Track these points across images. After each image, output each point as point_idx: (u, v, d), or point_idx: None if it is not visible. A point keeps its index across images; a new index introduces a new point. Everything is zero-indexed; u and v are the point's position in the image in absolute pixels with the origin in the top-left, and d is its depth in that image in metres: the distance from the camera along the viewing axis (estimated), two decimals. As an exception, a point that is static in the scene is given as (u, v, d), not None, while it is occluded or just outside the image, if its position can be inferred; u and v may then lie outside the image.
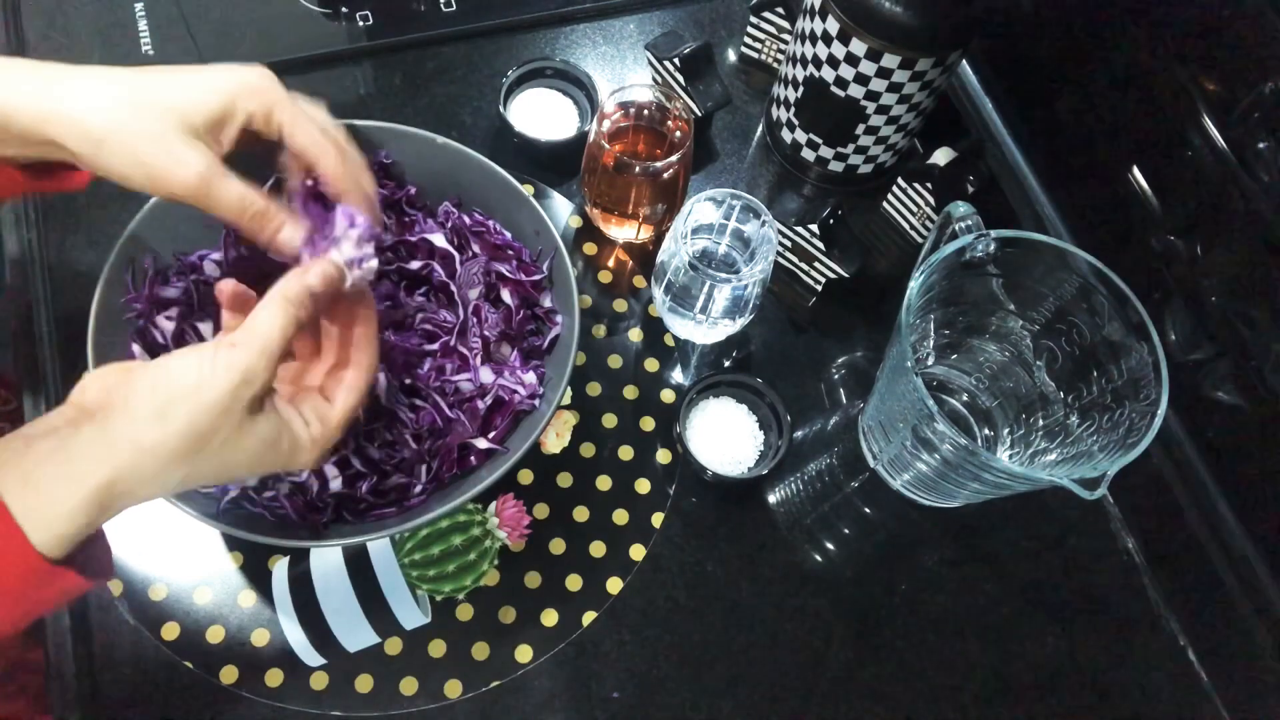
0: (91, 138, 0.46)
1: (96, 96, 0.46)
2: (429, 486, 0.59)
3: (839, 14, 0.69)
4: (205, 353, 0.43)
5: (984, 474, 0.60)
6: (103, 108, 0.46)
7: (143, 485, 0.42)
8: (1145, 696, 0.69)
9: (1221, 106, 0.65)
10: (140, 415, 0.42)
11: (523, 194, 0.65)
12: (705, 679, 0.65)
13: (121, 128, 0.46)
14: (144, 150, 0.46)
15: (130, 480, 0.41)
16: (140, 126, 0.46)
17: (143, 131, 0.46)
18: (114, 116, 0.46)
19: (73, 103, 0.46)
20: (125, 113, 0.46)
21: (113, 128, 0.46)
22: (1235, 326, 0.67)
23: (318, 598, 0.57)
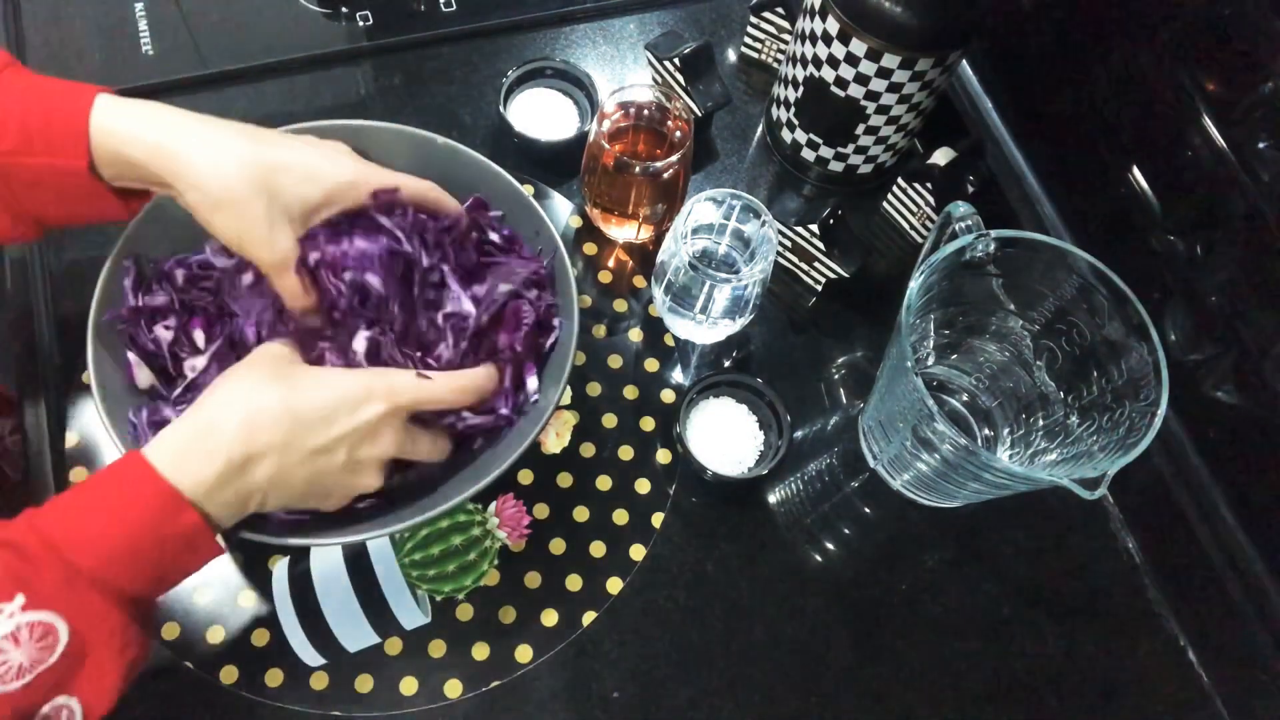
0: (209, 199, 0.52)
1: (223, 164, 0.52)
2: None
3: (839, 14, 0.69)
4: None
5: (984, 474, 0.60)
6: (226, 176, 0.52)
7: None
8: (1145, 696, 0.69)
9: (1221, 106, 0.65)
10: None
11: (523, 194, 0.65)
12: (705, 679, 0.65)
13: (236, 201, 0.52)
14: (250, 227, 0.53)
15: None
16: (254, 207, 0.53)
17: (254, 211, 0.53)
18: (233, 188, 0.52)
19: (201, 164, 0.52)
20: (246, 190, 0.52)
21: (229, 199, 0.52)
22: (1235, 326, 0.67)
23: (318, 598, 0.57)
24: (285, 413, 0.50)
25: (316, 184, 0.55)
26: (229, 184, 0.52)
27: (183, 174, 0.52)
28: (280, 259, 0.54)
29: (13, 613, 0.42)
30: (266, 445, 0.49)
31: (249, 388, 0.51)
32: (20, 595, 0.43)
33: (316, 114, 0.74)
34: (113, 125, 0.51)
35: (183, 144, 0.52)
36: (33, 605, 0.43)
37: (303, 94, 0.83)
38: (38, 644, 0.43)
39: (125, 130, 0.52)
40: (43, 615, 0.43)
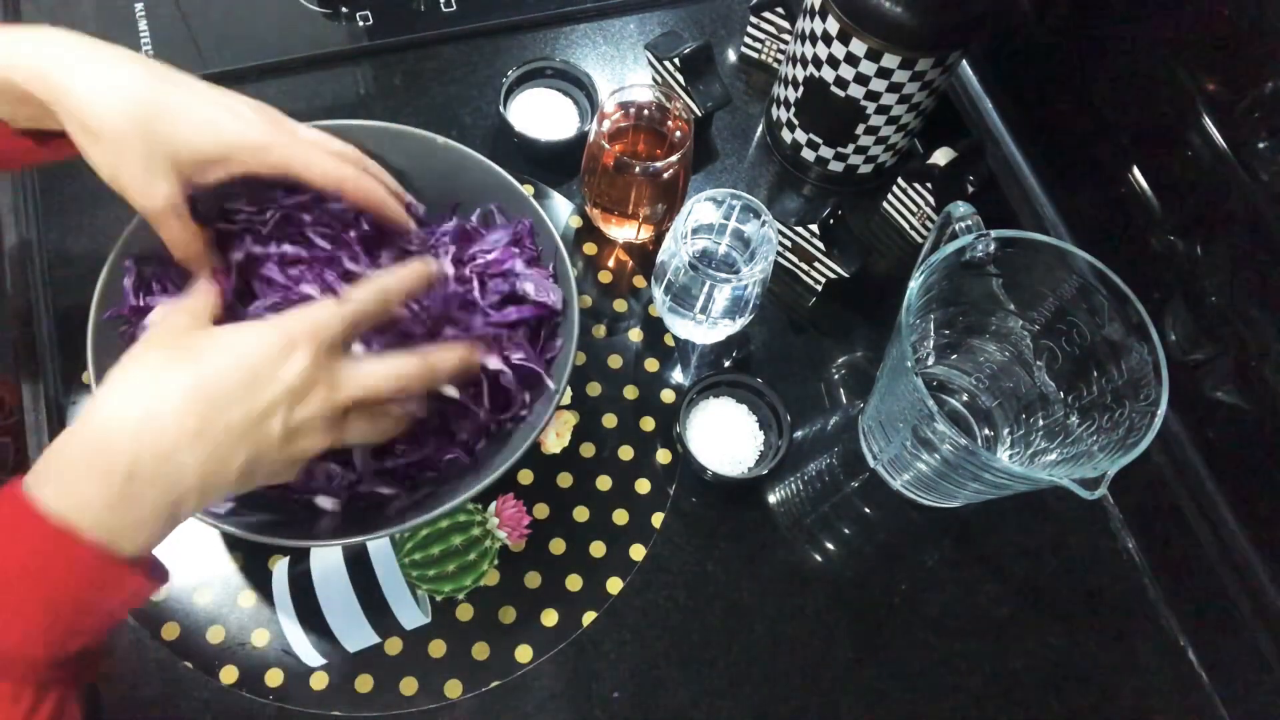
0: (86, 129, 0.48)
1: (105, 93, 0.47)
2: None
3: (839, 14, 0.69)
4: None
5: (984, 474, 0.60)
6: (107, 106, 0.47)
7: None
8: (1145, 696, 0.69)
9: (1221, 106, 0.65)
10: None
11: (523, 194, 0.65)
12: (705, 679, 0.65)
13: (116, 137, 0.47)
14: (125, 164, 0.48)
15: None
16: (132, 144, 0.48)
17: (132, 149, 0.48)
18: (114, 123, 0.47)
19: (86, 90, 0.47)
20: (125, 124, 0.47)
21: (108, 133, 0.47)
22: (1235, 326, 0.67)
23: (318, 598, 0.57)
24: (193, 398, 0.42)
25: (212, 136, 0.49)
26: (108, 115, 0.47)
27: (62, 100, 0.47)
28: (156, 206, 0.49)
29: None
30: (174, 442, 0.42)
31: (144, 378, 0.44)
32: None
33: (316, 114, 0.74)
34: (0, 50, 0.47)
35: (68, 68, 0.47)
36: None
37: (303, 94, 0.83)
38: None
39: (8, 54, 0.47)
40: None
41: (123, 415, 0.42)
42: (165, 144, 0.48)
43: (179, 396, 0.42)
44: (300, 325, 0.46)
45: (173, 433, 0.42)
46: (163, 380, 0.43)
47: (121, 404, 0.42)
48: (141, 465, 0.41)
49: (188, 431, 0.42)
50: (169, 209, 0.50)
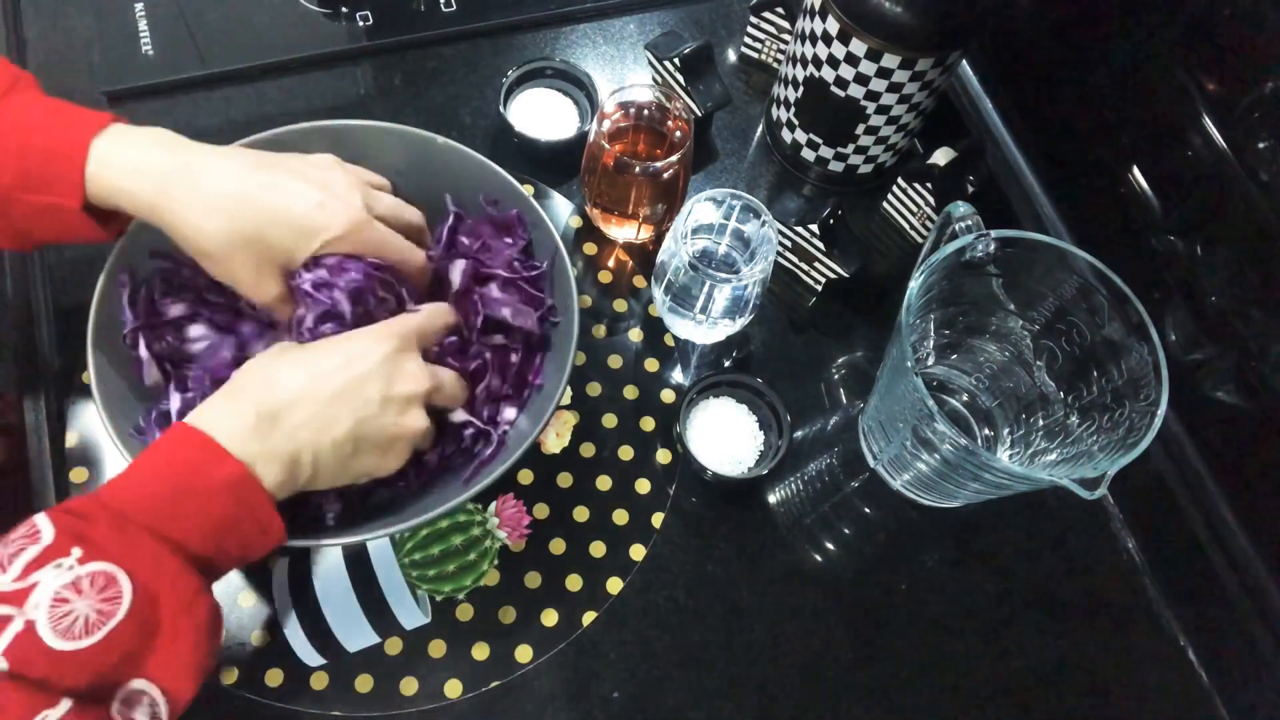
0: (197, 251, 0.55)
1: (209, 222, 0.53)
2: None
3: (839, 14, 0.69)
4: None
5: (984, 474, 0.60)
6: (213, 234, 0.54)
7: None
8: (1145, 696, 0.69)
9: (1221, 106, 0.65)
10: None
11: (523, 194, 0.65)
12: (705, 679, 0.65)
13: (225, 257, 0.54)
14: (237, 275, 0.56)
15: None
16: (239, 259, 0.55)
17: (241, 264, 0.55)
18: (220, 246, 0.54)
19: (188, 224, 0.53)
20: (230, 246, 0.54)
21: (219, 254, 0.54)
22: (1235, 326, 0.67)
23: (318, 598, 0.57)
24: (303, 368, 0.52)
25: (306, 241, 0.56)
26: (216, 242, 0.54)
27: (172, 229, 0.54)
28: (269, 302, 0.57)
29: (71, 565, 0.43)
30: (292, 395, 0.51)
31: (265, 359, 0.54)
32: (76, 548, 0.43)
33: (316, 114, 0.74)
34: (107, 172, 0.52)
35: (170, 198, 0.53)
36: (90, 556, 0.43)
37: (303, 94, 0.83)
38: (100, 595, 0.43)
39: (116, 183, 0.52)
40: (100, 565, 0.43)
41: (251, 374, 0.53)
42: (269, 255, 0.55)
43: (293, 367, 0.53)
44: (388, 325, 0.57)
45: (290, 388, 0.51)
46: (280, 358, 0.54)
47: (250, 376, 0.53)
48: (267, 407, 0.50)
49: (302, 389, 0.51)
50: (281, 301, 0.57)
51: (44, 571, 0.42)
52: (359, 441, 0.53)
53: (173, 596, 0.45)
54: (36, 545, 0.43)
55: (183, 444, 0.48)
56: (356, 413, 0.52)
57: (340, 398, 0.52)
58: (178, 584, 0.45)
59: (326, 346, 0.55)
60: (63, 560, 0.43)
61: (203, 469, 0.47)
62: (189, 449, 0.48)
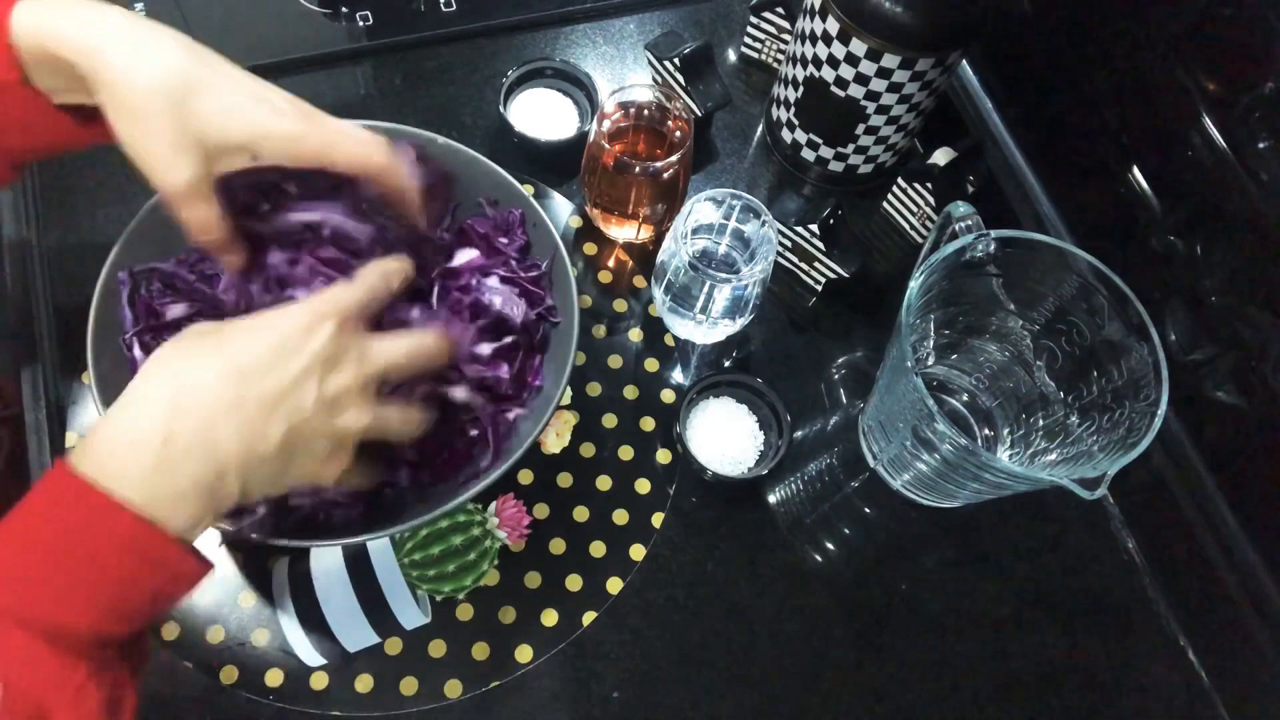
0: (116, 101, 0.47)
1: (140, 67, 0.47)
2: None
3: (839, 14, 0.69)
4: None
5: (984, 474, 0.60)
6: (141, 80, 0.47)
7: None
8: (1145, 696, 0.69)
9: (1221, 106, 0.65)
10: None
11: (523, 194, 0.65)
12: (705, 679, 0.65)
13: (145, 109, 0.47)
14: (151, 139, 0.47)
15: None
16: (161, 119, 0.47)
17: (160, 124, 0.47)
18: (145, 97, 0.47)
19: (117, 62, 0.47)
20: (156, 99, 0.47)
21: (139, 105, 0.47)
22: (1235, 326, 0.67)
23: (318, 598, 0.57)
24: (224, 372, 0.44)
25: (244, 121, 0.49)
26: (141, 87, 0.46)
27: (99, 71, 0.47)
28: (178, 184, 0.48)
29: None
30: (209, 412, 0.42)
31: (176, 360, 0.45)
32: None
33: (316, 114, 0.74)
34: (37, 26, 0.47)
35: (107, 39, 0.47)
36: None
37: (303, 94, 0.81)
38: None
39: (49, 29, 0.47)
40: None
41: (157, 391, 0.43)
42: (194, 123, 0.48)
43: (211, 372, 0.44)
44: (322, 302, 0.48)
45: (207, 403, 0.43)
46: (195, 359, 0.44)
47: (155, 382, 0.44)
48: (176, 435, 0.42)
49: (221, 402, 0.43)
50: (192, 189, 0.49)
51: None
52: (292, 452, 0.46)
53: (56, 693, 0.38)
54: None
55: (63, 499, 0.41)
56: (288, 419, 0.45)
57: (269, 406, 0.44)
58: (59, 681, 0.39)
59: (249, 335, 0.46)
60: None
61: (89, 530, 0.40)
62: (71, 506, 0.40)
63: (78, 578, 0.40)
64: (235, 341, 0.45)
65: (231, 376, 0.44)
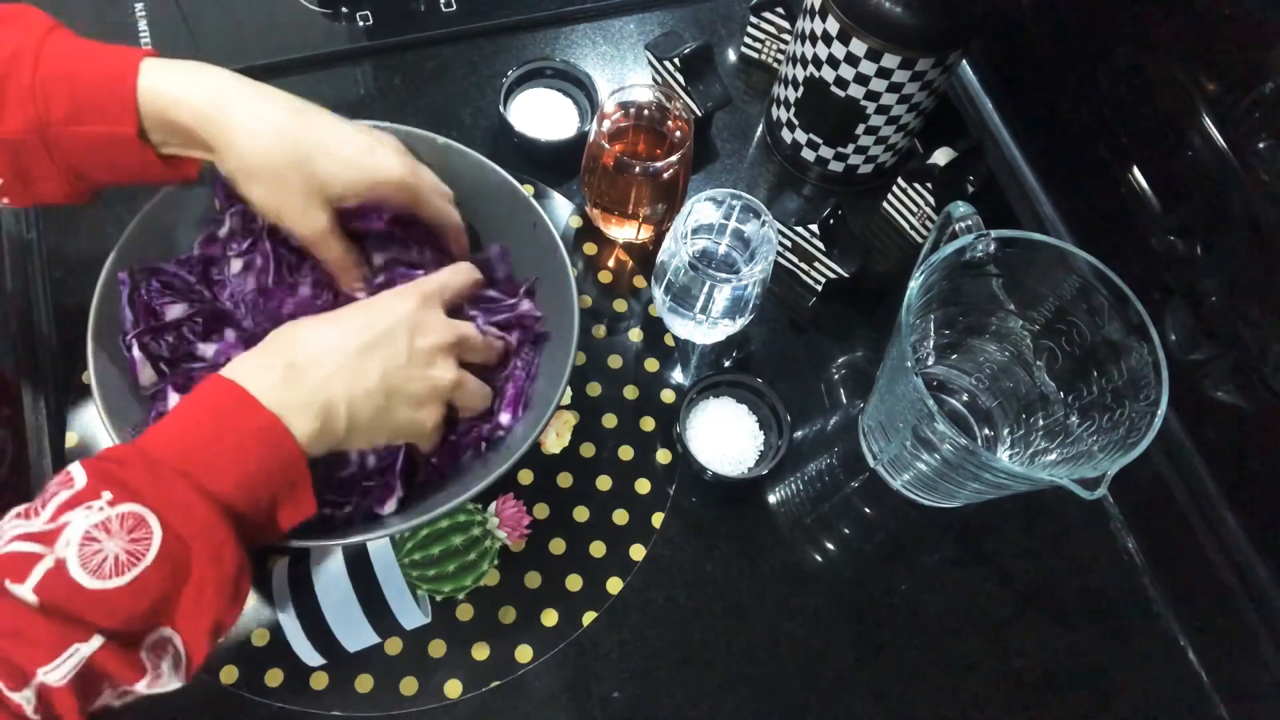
0: (245, 168, 0.54)
1: (261, 134, 0.54)
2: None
3: (839, 14, 0.69)
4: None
5: (984, 474, 0.60)
6: (265, 147, 0.54)
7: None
8: (1145, 696, 0.69)
9: (1221, 106, 0.65)
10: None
11: (522, 194, 0.65)
12: (705, 679, 0.65)
13: (274, 175, 0.54)
14: (284, 199, 0.55)
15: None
16: (290, 182, 0.55)
17: (290, 187, 0.55)
18: (270, 160, 0.54)
19: (240, 133, 0.53)
20: (282, 166, 0.54)
21: (266, 171, 0.54)
22: (1235, 326, 0.67)
23: (318, 598, 0.57)
24: (330, 324, 0.53)
25: (359, 174, 0.56)
26: (266, 155, 0.53)
27: (223, 140, 0.53)
28: (315, 232, 0.57)
29: (101, 507, 0.43)
30: (319, 349, 0.51)
31: (293, 323, 0.54)
32: (107, 491, 0.43)
33: (316, 114, 0.74)
34: (159, 90, 0.53)
35: (225, 110, 0.53)
36: (120, 499, 0.43)
37: (303, 94, 0.81)
38: (130, 535, 0.43)
39: (171, 95, 0.53)
40: (130, 507, 0.43)
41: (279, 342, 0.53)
42: (319, 181, 0.55)
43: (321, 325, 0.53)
44: (408, 285, 0.57)
45: (319, 343, 0.52)
46: (306, 321, 0.54)
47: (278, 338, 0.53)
48: (297, 360, 0.50)
49: (330, 344, 0.52)
50: (328, 234, 0.57)
51: (74, 513, 0.42)
52: (391, 393, 0.53)
53: (202, 543, 0.45)
54: (69, 490, 0.43)
55: (216, 394, 0.48)
56: (385, 363, 0.53)
57: (368, 350, 0.52)
58: (207, 531, 0.45)
59: (351, 307, 0.56)
60: (93, 503, 0.43)
61: (236, 418, 0.48)
62: (222, 398, 0.48)
63: (229, 456, 0.47)
64: (341, 311, 0.55)
65: (337, 330, 0.53)
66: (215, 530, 0.45)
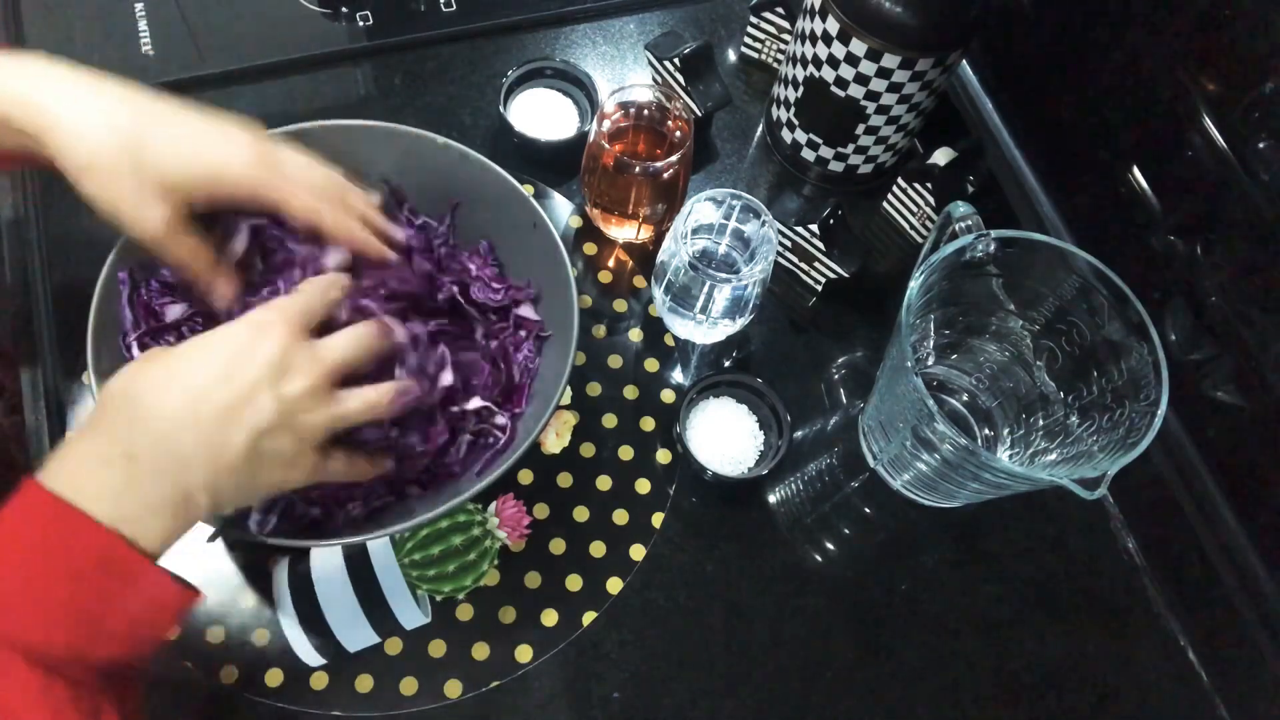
0: (75, 163, 0.49)
1: (95, 128, 0.48)
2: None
3: (839, 14, 0.69)
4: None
5: (984, 474, 0.60)
6: (96, 143, 0.48)
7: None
8: (1145, 696, 0.69)
9: (1221, 106, 0.65)
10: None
11: (522, 194, 0.65)
12: (705, 679, 0.65)
13: (106, 168, 0.48)
14: (117, 194, 0.49)
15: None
16: (122, 174, 0.49)
17: (122, 179, 0.49)
18: (102, 155, 0.48)
19: (72, 125, 0.48)
20: (114, 156, 0.48)
21: (98, 166, 0.48)
22: (1235, 326, 0.67)
23: (318, 598, 0.57)
24: (176, 386, 0.45)
25: (199, 164, 0.50)
26: (97, 149, 0.48)
27: (50, 134, 0.48)
28: (153, 231, 0.50)
29: None
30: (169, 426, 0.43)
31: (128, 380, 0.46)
32: None
33: (316, 114, 0.74)
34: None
35: (52, 102, 0.48)
36: None
37: (303, 94, 0.83)
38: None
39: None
40: None
41: (116, 414, 0.44)
42: (154, 171, 0.49)
43: (165, 388, 0.45)
44: (266, 312, 0.49)
45: (166, 417, 0.44)
46: (149, 382, 0.45)
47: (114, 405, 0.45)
48: (141, 449, 0.43)
49: (180, 416, 0.44)
50: (165, 233, 0.50)
51: None
52: (257, 459, 0.46)
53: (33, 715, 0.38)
54: None
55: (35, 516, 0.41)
56: (250, 427, 0.45)
57: (227, 416, 0.44)
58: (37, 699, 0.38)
59: (199, 351, 0.46)
60: None
61: (64, 546, 0.40)
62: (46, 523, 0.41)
63: (54, 595, 0.40)
64: (186, 360, 0.46)
65: (185, 392, 0.44)
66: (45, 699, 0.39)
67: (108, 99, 0.49)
